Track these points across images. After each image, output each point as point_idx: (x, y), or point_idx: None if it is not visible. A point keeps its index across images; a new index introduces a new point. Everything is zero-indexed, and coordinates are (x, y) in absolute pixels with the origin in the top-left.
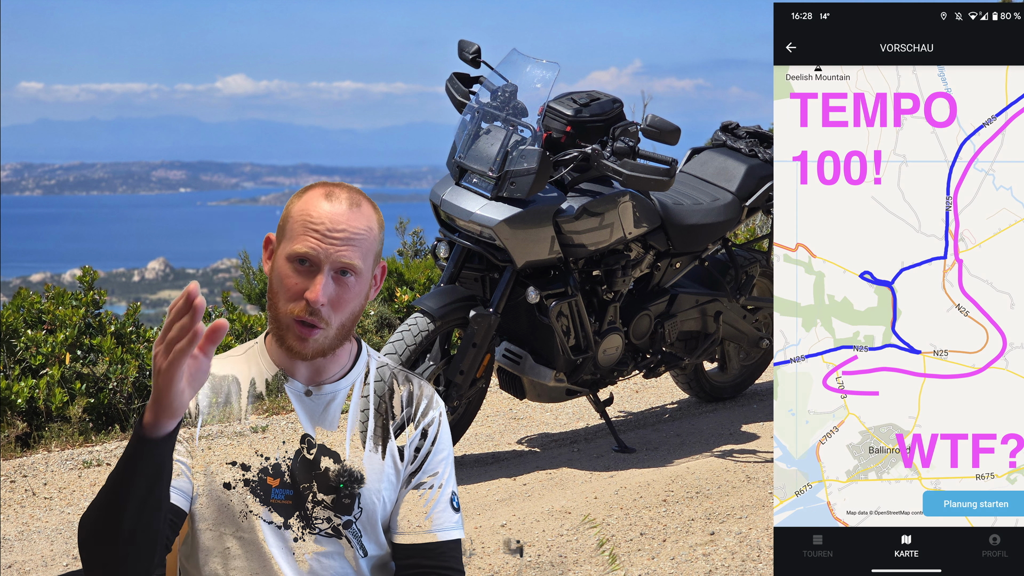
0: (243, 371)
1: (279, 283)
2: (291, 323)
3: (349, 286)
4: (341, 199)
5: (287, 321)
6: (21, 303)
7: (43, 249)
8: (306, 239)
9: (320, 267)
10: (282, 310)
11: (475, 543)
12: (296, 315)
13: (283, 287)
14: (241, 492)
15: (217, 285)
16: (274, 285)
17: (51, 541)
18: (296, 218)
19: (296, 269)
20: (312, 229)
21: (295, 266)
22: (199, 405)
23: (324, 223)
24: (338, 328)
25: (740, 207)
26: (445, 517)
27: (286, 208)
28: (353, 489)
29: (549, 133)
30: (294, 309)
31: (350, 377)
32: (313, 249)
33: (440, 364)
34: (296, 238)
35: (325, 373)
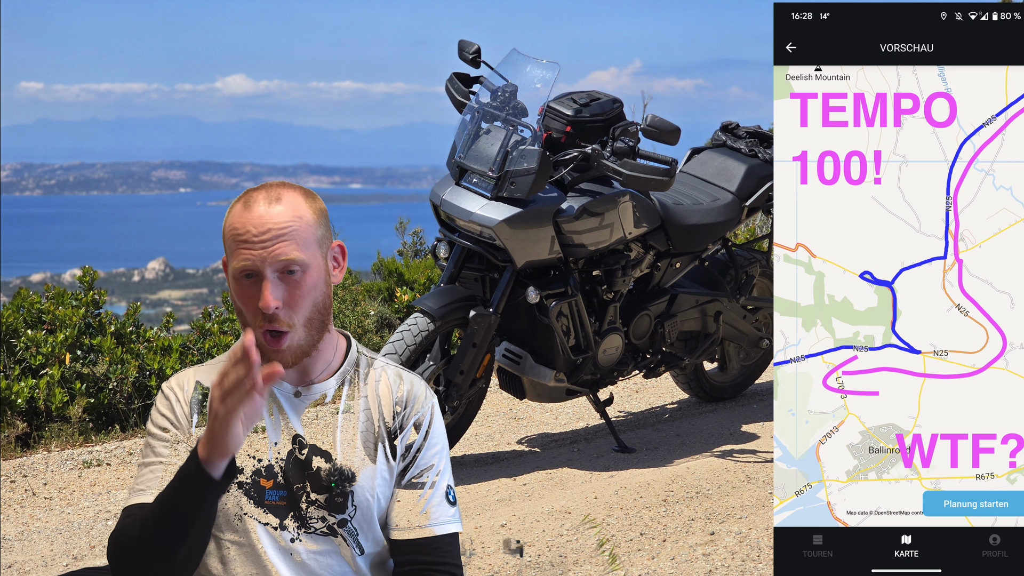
0: None
1: (237, 302)
2: (263, 336)
3: (298, 281)
4: (258, 201)
5: (260, 336)
6: (21, 303)
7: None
8: (239, 252)
9: (262, 274)
10: (252, 326)
11: (475, 543)
12: (261, 328)
13: (241, 305)
14: (235, 495)
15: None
16: (237, 307)
17: (51, 541)
18: (227, 236)
19: (243, 285)
20: (241, 241)
21: (242, 282)
22: (189, 412)
23: (249, 230)
24: (305, 325)
25: (740, 207)
26: (441, 511)
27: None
28: (345, 487)
29: (549, 133)
30: (257, 323)
31: (339, 375)
32: (248, 259)
33: (440, 364)
34: (232, 255)
35: (312, 372)
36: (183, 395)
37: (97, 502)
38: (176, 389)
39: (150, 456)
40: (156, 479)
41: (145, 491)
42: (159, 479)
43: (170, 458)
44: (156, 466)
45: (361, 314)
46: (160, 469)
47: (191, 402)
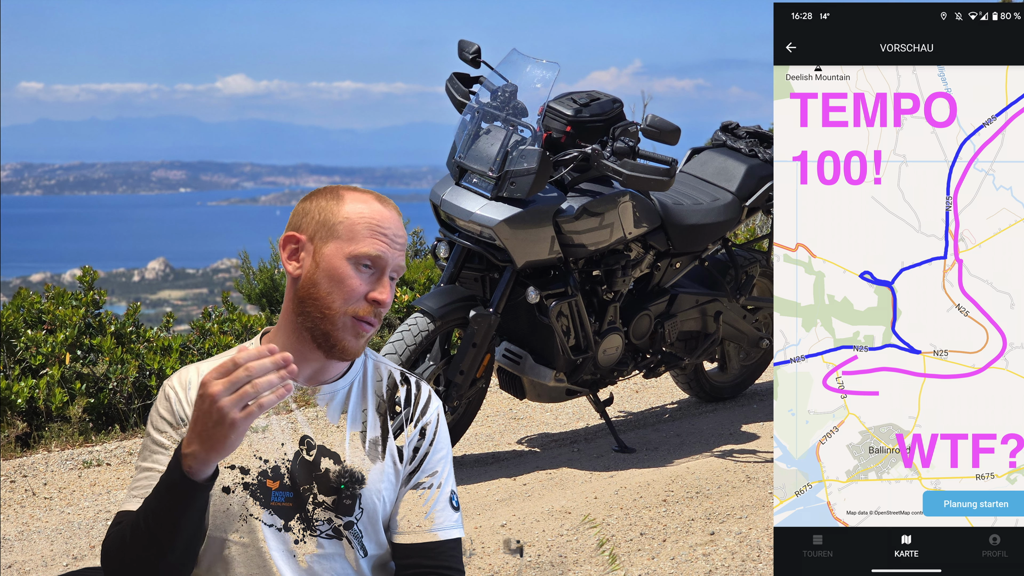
0: None
1: (336, 283)
2: (349, 322)
3: (393, 288)
4: (393, 207)
5: (344, 320)
6: (21, 303)
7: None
8: (375, 242)
9: (384, 270)
10: (339, 310)
11: (475, 543)
12: (360, 315)
13: (343, 287)
14: (240, 496)
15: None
16: (325, 285)
17: (51, 541)
18: (356, 220)
19: (358, 271)
20: (381, 233)
21: (357, 268)
22: (192, 412)
23: (391, 228)
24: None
25: (740, 207)
26: (445, 516)
27: (324, 209)
28: (354, 490)
29: (549, 133)
30: (356, 309)
31: (348, 377)
32: (383, 253)
33: (440, 364)
34: (362, 240)
35: (326, 373)
36: (185, 395)
37: (97, 502)
38: (178, 389)
39: (148, 460)
40: (148, 486)
41: (139, 497)
42: (152, 486)
43: (164, 464)
44: (152, 473)
45: None
46: (154, 476)
47: (195, 401)
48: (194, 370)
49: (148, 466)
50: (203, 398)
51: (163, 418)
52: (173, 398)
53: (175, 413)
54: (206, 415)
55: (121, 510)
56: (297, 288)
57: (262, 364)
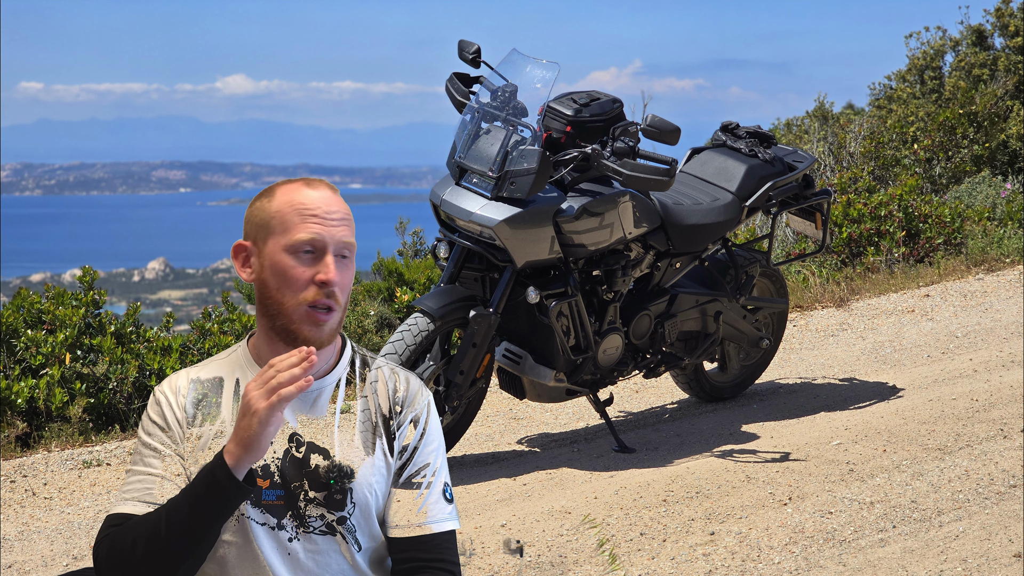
0: (228, 375)
1: (280, 278)
2: (305, 312)
3: (348, 266)
4: (322, 186)
5: (300, 312)
6: (21, 303)
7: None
8: (307, 226)
9: (326, 250)
10: (290, 303)
11: (475, 543)
12: (311, 301)
13: (288, 279)
14: None
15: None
16: (273, 282)
17: (51, 541)
18: (285, 211)
19: (300, 259)
20: (309, 215)
21: (299, 257)
22: (186, 409)
23: (320, 207)
24: (342, 311)
25: (740, 207)
26: (438, 509)
27: (259, 209)
28: (344, 484)
29: (549, 133)
30: (307, 297)
31: (336, 372)
32: (318, 234)
33: (440, 364)
34: (294, 229)
35: (311, 369)
36: (175, 400)
37: (97, 502)
38: (168, 393)
39: (139, 464)
40: (142, 489)
41: (130, 500)
42: (146, 490)
43: (159, 469)
44: (144, 476)
45: (361, 314)
46: (149, 480)
47: (187, 405)
48: (184, 375)
49: (139, 470)
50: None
51: (154, 422)
52: (164, 403)
53: (165, 417)
54: (240, 410)
55: (113, 512)
56: (256, 292)
57: (288, 360)
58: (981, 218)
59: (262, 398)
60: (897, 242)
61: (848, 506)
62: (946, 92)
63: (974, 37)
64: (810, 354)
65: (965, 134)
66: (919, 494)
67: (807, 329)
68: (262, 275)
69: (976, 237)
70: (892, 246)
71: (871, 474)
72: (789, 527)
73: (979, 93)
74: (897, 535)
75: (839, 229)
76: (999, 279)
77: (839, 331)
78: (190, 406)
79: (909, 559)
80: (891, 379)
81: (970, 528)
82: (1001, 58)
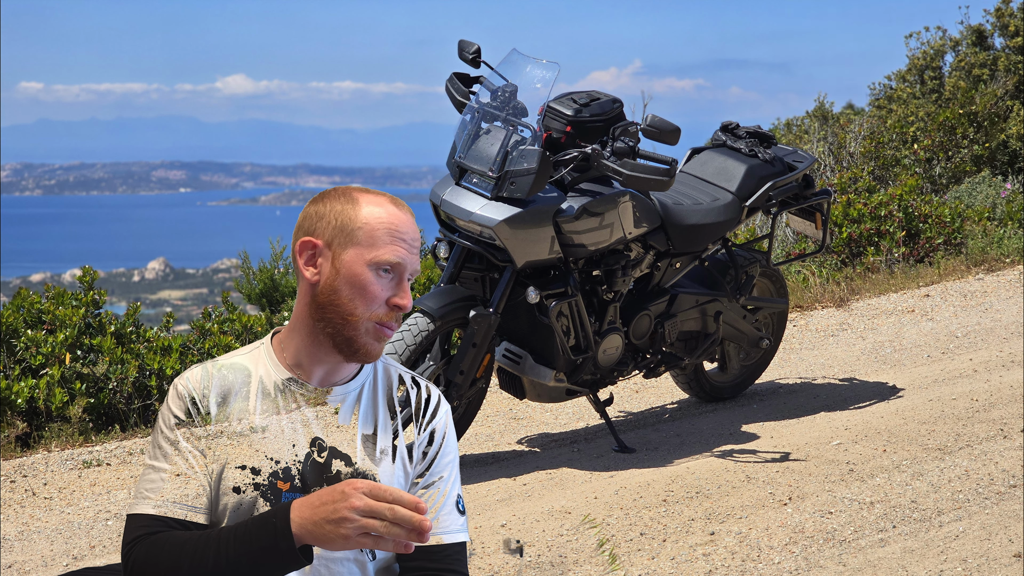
0: (252, 372)
1: (358, 289)
2: (372, 328)
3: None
4: (407, 209)
5: (367, 326)
6: (21, 303)
7: (43, 249)
8: (395, 248)
9: (403, 275)
10: (362, 316)
11: (475, 543)
12: (381, 319)
13: (365, 294)
14: (251, 496)
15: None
16: (347, 292)
17: (51, 541)
18: (376, 226)
19: (379, 277)
20: (400, 238)
21: (378, 275)
22: (208, 406)
23: (408, 232)
24: None
25: (740, 207)
26: (451, 520)
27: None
28: None
29: (549, 133)
30: (378, 314)
31: (360, 379)
32: (403, 259)
33: (440, 364)
34: (382, 246)
35: (338, 375)
36: (199, 391)
37: (97, 502)
38: (191, 384)
39: (159, 460)
40: (163, 487)
41: (151, 498)
42: (167, 489)
43: (180, 466)
44: (163, 472)
45: None
46: (167, 476)
47: (210, 396)
48: (207, 366)
49: (159, 466)
50: (344, 494)
51: (175, 415)
52: (185, 395)
53: (188, 409)
54: (333, 508)
55: (135, 513)
56: (316, 294)
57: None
58: (981, 218)
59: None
60: (897, 242)
61: (848, 506)
62: (946, 92)
63: (974, 37)
64: (810, 354)
65: (965, 134)
66: (919, 494)
67: (807, 329)
68: (334, 281)
69: (976, 237)
70: (892, 246)
71: (871, 474)
72: (789, 527)
73: (979, 93)
74: (897, 535)
75: (839, 229)
76: (999, 279)
77: (839, 331)
78: (214, 396)
79: (909, 559)
80: (891, 379)
81: (970, 528)
82: (1001, 58)
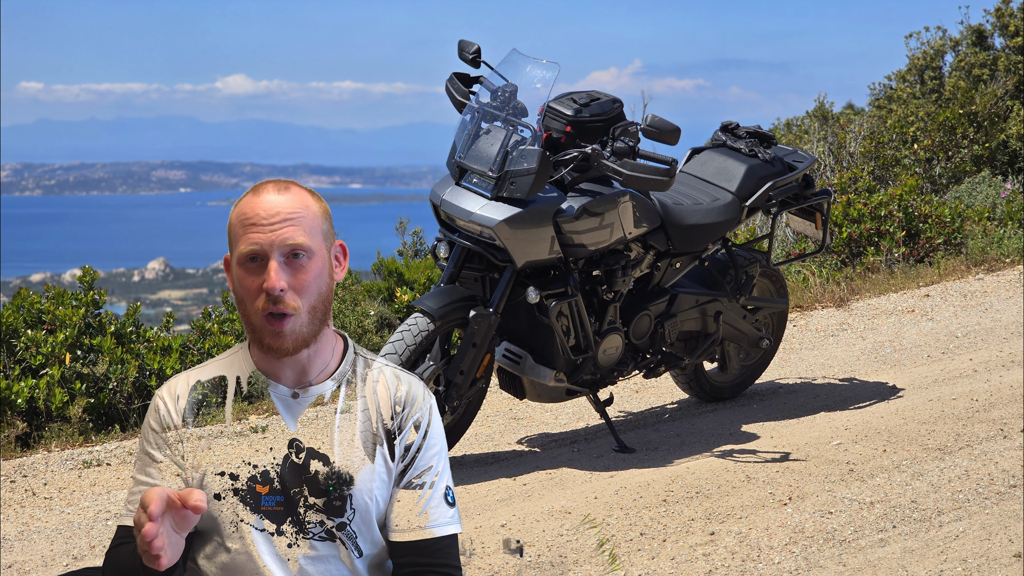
0: (229, 375)
1: (239, 290)
2: (262, 322)
3: (304, 266)
4: (267, 189)
5: (258, 322)
6: (21, 303)
7: (43, 249)
8: (247, 236)
9: (268, 256)
10: (251, 314)
11: (475, 543)
12: (262, 310)
13: (242, 290)
14: (232, 502)
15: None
16: (238, 293)
17: (51, 541)
18: (234, 223)
19: (248, 270)
20: (249, 224)
21: (247, 267)
22: (185, 413)
23: (258, 213)
24: (309, 312)
25: (740, 207)
26: (440, 513)
27: (229, 221)
28: (343, 491)
29: (549, 133)
30: (259, 305)
31: (336, 376)
32: (256, 242)
33: (440, 364)
34: (239, 240)
35: (310, 374)
36: (174, 405)
37: (97, 502)
38: (167, 398)
39: (141, 473)
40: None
41: (129, 510)
42: None
43: (156, 479)
44: (143, 485)
45: (361, 314)
46: (146, 488)
47: (185, 409)
48: (183, 378)
49: (142, 479)
50: None
51: (152, 429)
52: (162, 409)
53: (163, 423)
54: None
55: (121, 524)
56: None
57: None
58: (981, 218)
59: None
60: (897, 242)
61: (848, 506)
62: (946, 92)
63: (974, 37)
64: (810, 354)
65: (965, 134)
66: (919, 494)
67: (807, 329)
68: (233, 288)
69: (976, 237)
70: (892, 246)
71: (871, 474)
72: (789, 527)
73: (979, 93)
74: (897, 535)
75: (839, 229)
76: (999, 279)
77: (839, 331)
78: (189, 410)
79: (909, 559)
80: (891, 379)
81: (970, 528)
82: (1001, 58)
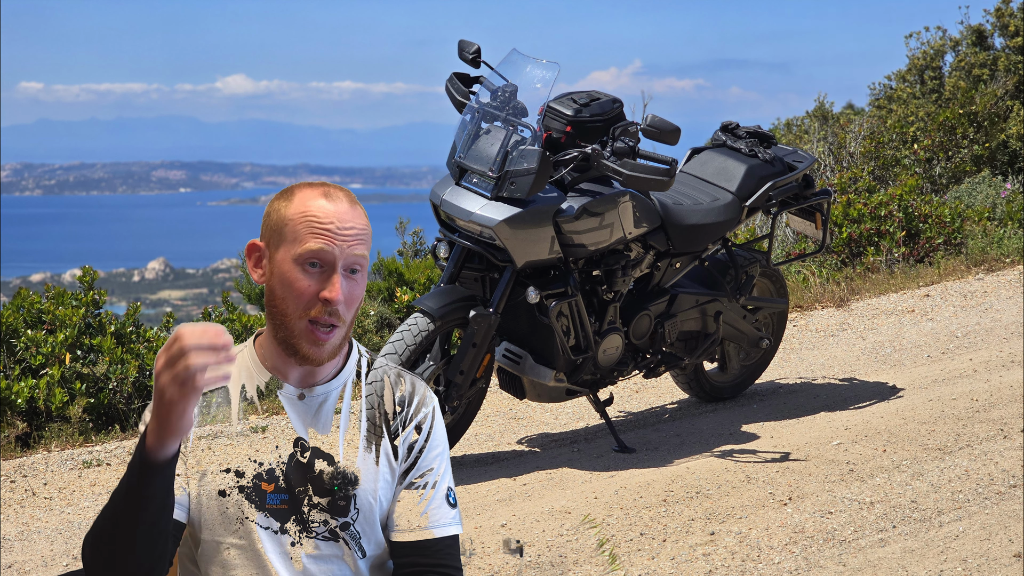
0: (233, 375)
1: (287, 288)
2: (306, 328)
3: (358, 282)
4: (341, 198)
5: (300, 326)
6: (21, 303)
7: (43, 249)
8: (317, 239)
9: (334, 266)
10: (294, 315)
11: (475, 543)
12: (313, 317)
13: (293, 292)
14: (236, 499)
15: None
16: (279, 292)
17: (51, 541)
18: (297, 220)
19: (306, 271)
20: (322, 229)
21: (304, 269)
22: None
23: (333, 221)
24: (349, 325)
25: (740, 207)
26: (441, 513)
27: (275, 212)
28: (348, 491)
29: (549, 133)
30: (309, 312)
31: (341, 377)
32: (325, 247)
33: (440, 364)
34: (303, 239)
35: (318, 375)
36: None
37: (97, 502)
38: None
39: None
40: None
41: None
42: None
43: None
44: None
45: (361, 314)
46: None
47: None
48: None
49: None
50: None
51: None
52: None
53: None
54: (155, 395)
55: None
56: (265, 296)
57: (198, 342)
58: (981, 218)
59: (172, 384)
60: (897, 242)
61: (848, 506)
62: (946, 92)
63: (974, 37)
64: (810, 354)
65: (965, 134)
66: (919, 494)
67: (807, 329)
68: (271, 282)
69: (976, 237)
70: (892, 246)
71: (871, 474)
72: (789, 527)
73: (979, 93)
74: (897, 535)
75: (839, 229)
76: (999, 279)
77: (839, 331)
78: None
79: (909, 559)
80: (891, 379)
81: (970, 528)
82: (1001, 58)
